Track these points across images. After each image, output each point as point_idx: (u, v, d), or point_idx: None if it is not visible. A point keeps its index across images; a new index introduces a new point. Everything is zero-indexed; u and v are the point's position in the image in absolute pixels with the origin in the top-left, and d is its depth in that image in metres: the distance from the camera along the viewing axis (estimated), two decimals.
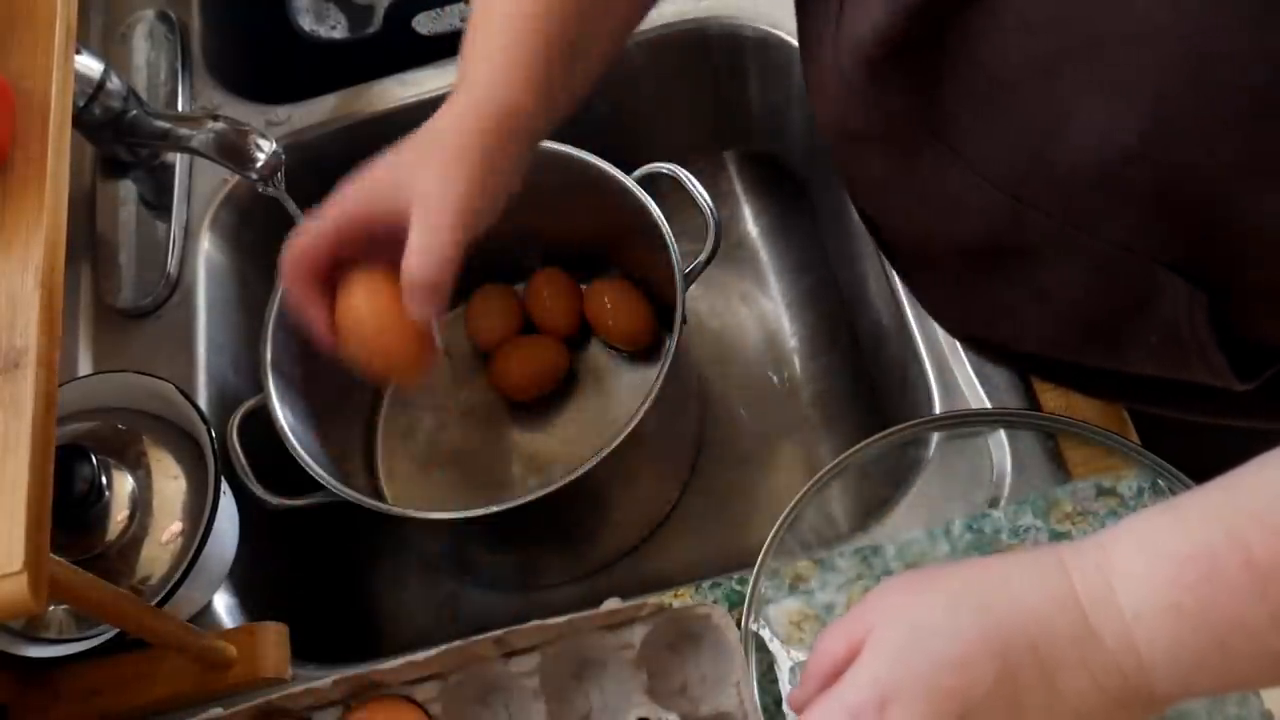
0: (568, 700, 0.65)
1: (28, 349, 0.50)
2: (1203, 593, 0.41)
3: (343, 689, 0.64)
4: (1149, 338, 0.49)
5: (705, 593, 0.67)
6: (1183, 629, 0.42)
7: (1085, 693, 0.44)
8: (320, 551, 0.88)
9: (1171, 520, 0.44)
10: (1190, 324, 0.46)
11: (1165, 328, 0.48)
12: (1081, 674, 0.44)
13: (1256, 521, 0.41)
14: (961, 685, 0.44)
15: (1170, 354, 0.49)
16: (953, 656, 0.45)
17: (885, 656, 0.46)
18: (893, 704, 0.45)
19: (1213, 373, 0.48)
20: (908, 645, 0.46)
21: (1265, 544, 0.40)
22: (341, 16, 1.01)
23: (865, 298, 0.86)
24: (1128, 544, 0.45)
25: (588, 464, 0.69)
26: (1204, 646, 0.42)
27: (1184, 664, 0.42)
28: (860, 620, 0.48)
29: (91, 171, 0.86)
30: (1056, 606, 0.45)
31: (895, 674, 0.45)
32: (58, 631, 0.68)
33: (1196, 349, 0.47)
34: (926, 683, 0.45)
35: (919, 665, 0.45)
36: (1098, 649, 0.43)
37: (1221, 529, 0.42)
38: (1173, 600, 0.42)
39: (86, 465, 0.66)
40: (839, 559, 0.66)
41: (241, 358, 0.85)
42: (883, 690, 0.45)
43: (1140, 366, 0.53)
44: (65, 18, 0.56)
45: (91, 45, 0.93)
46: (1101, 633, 0.44)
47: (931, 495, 0.68)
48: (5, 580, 0.46)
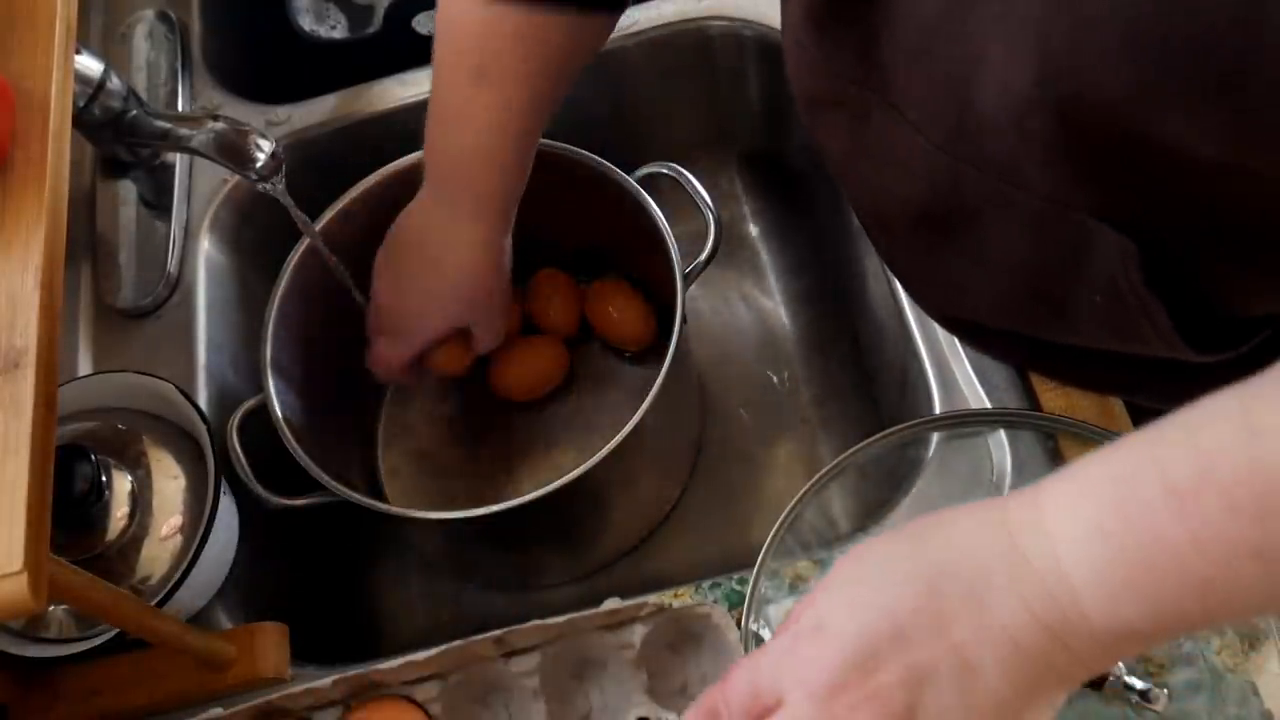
0: (568, 700, 0.65)
1: (28, 349, 0.50)
2: (1123, 512, 0.41)
3: (343, 689, 0.64)
4: (1092, 297, 0.49)
5: (705, 593, 0.67)
6: (1108, 550, 0.42)
7: (1015, 612, 0.44)
8: (320, 551, 0.88)
9: (1103, 453, 0.44)
10: (1126, 278, 0.46)
11: (1106, 286, 0.48)
12: (1010, 595, 0.44)
13: (1177, 445, 0.41)
14: (888, 602, 0.45)
15: (1118, 318, 0.49)
16: (882, 580, 0.46)
17: (827, 591, 0.48)
18: (827, 623, 0.46)
19: (1164, 340, 0.48)
20: (846, 578, 0.48)
21: (1183, 465, 0.40)
22: (341, 16, 1.01)
23: (865, 298, 0.86)
24: (1059, 477, 0.45)
25: (588, 464, 0.69)
26: (1130, 569, 0.42)
27: (1112, 586, 0.42)
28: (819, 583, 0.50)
29: (91, 171, 0.86)
30: (989, 533, 0.45)
31: (830, 600, 0.47)
32: (58, 631, 0.68)
33: (1141, 311, 0.47)
34: (855, 602, 0.46)
35: (851, 590, 0.47)
36: (1026, 570, 0.44)
37: (1145, 454, 0.42)
38: (1094, 520, 0.42)
39: (86, 465, 0.66)
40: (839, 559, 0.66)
41: (241, 358, 0.85)
42: (819, 614, 0.47)
43: (1094, 336, 0.53)
44: (65, 18, 0.56)
45: (91, 45, 0.93)
46: (1030, 555, 0.44)
47: (931, 495, 0.68)
48: (5, 580, 0.46)
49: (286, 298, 0.79)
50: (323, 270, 0.79)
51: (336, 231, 0.80)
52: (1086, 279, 0.49)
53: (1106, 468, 0.43)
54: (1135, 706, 0.58)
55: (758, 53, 0.91)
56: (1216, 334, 0.48)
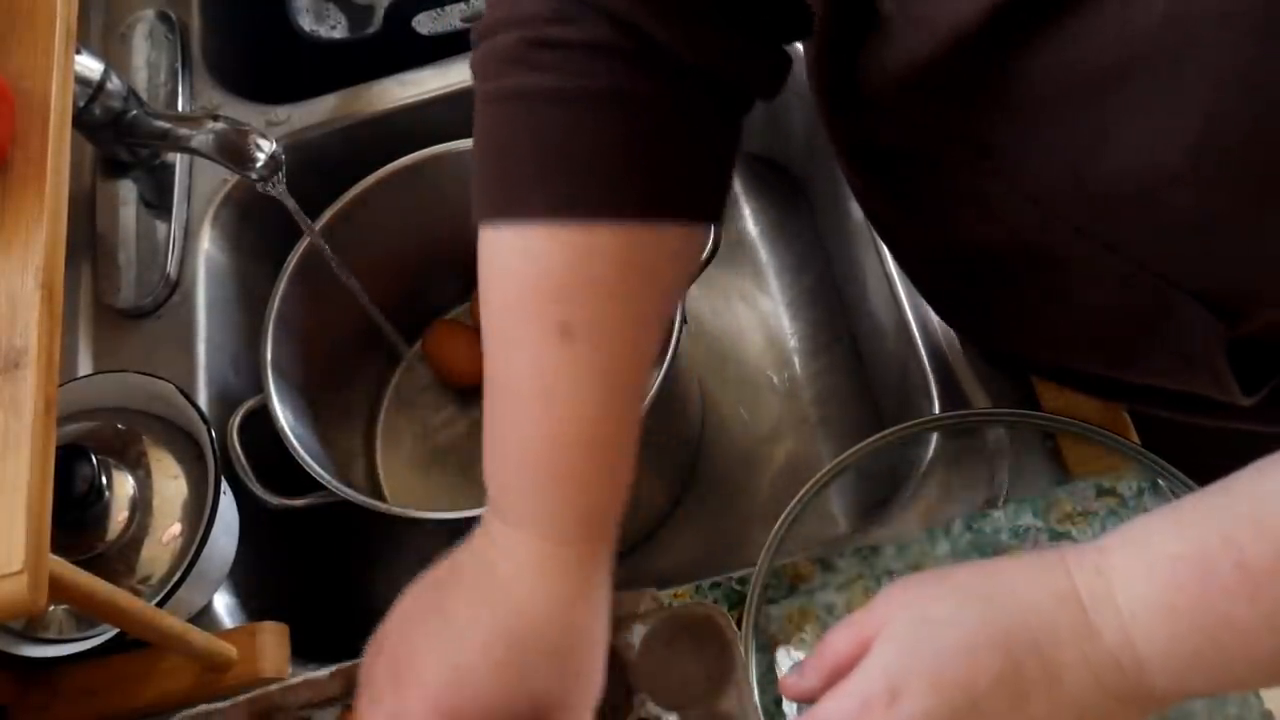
0: None
1: (28, 349, 0.50)
2: (1196, 593, 0.42)
3: (341, 681, 0.64)
4: (1160, 355, 0.49)
5: (705, 593, 0.67)
6: (1178, 627, 0.43)
7: (1086, 687, 0.44)
8: (320, 551, 0.87)
9: (1169, 523, 0.45)
10: (1204, 350, 0.47)
11: (1177, 348, 0.48)
12: (1082, 669, 0.44)
13: (1250, 525, 0.42)
14: (967, 676, 0.45)
15: (1180, 371, 0.49)
16: (959, 647, 0.46)
17: (894, 649, 0.47)
18: (902, 694, 0.45)
19: (1221, 391, 0.48)
20: (916, 637, 0.47)
21: (1257, 547, 0.41)
22: (341, 16, 1.01)
23: (865, 297, 0.86)
24: (1126, 545, 0.45)
25: None
26: (1198, 645, 0.42)
27: (1179, 662, 0.43)
28: (869, 618, 0.49)
29: (91, 171, 0.86)
30: (1059, 603, 0.45)
31: (904, 665, 0.46)
32: (58, 631, 0.68)
33: (1208, 372, 0.48)
34: (934, 673, 0.46)
35: (927, 656, 0.46)
36: (1097, 645, 0.44)
37: (1216, 531, 0.42)
38: (1168, 600, 0.43)
39: (86, 465, 0.66)
40: (839, 559, 0.66)
41: (241, 358, 0.85)
42: (892, 681, 0.46)
43: (1147, 379, 0.54)
44: (65, 18, 0.56)
45: (91, 45, 0.93)
46: (1101, 630, 0.44)
47: (931, 495, 0.68)
48: (5, 580, 0.46)
49: (286, 298, 0.79)
50: (323, 270, 0.79)
51: (336, 231, 0.80)
52: (1160, 339, 0.49)
53: (1177, 542, 0.44)
54: None
55: None
56: (1259, 373, 0.49)
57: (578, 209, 0.46)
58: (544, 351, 0.47)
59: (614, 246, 0.46)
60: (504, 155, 0.47)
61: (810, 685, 0.50)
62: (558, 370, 0.48)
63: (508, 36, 0.46)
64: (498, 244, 0.48)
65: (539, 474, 0.50)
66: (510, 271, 0.48)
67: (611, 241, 0.46)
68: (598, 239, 0.46)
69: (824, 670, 0.50)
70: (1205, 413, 0.56)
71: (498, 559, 0.51)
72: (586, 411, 0.49)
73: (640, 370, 0.50)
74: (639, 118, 0.46)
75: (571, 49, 0.45)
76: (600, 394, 0.49)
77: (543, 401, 0.48)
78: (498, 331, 0.49)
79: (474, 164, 0.48)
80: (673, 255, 0.49)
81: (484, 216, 0.48)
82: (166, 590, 0.66)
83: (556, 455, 0.49)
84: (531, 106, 0.46)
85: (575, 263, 0.46)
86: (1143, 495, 0.65)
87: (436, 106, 0.89)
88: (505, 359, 0.49)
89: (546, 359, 0.48)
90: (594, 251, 0.46)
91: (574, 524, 0.51)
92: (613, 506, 0.52)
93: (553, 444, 0.49)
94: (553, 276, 0.47)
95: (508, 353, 0.49)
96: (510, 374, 0.49)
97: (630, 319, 0.49)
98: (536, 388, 0.48)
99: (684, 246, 0.50)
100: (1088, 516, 0.65)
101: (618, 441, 0.51)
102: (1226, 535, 0.42)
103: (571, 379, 0.48)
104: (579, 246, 0.46)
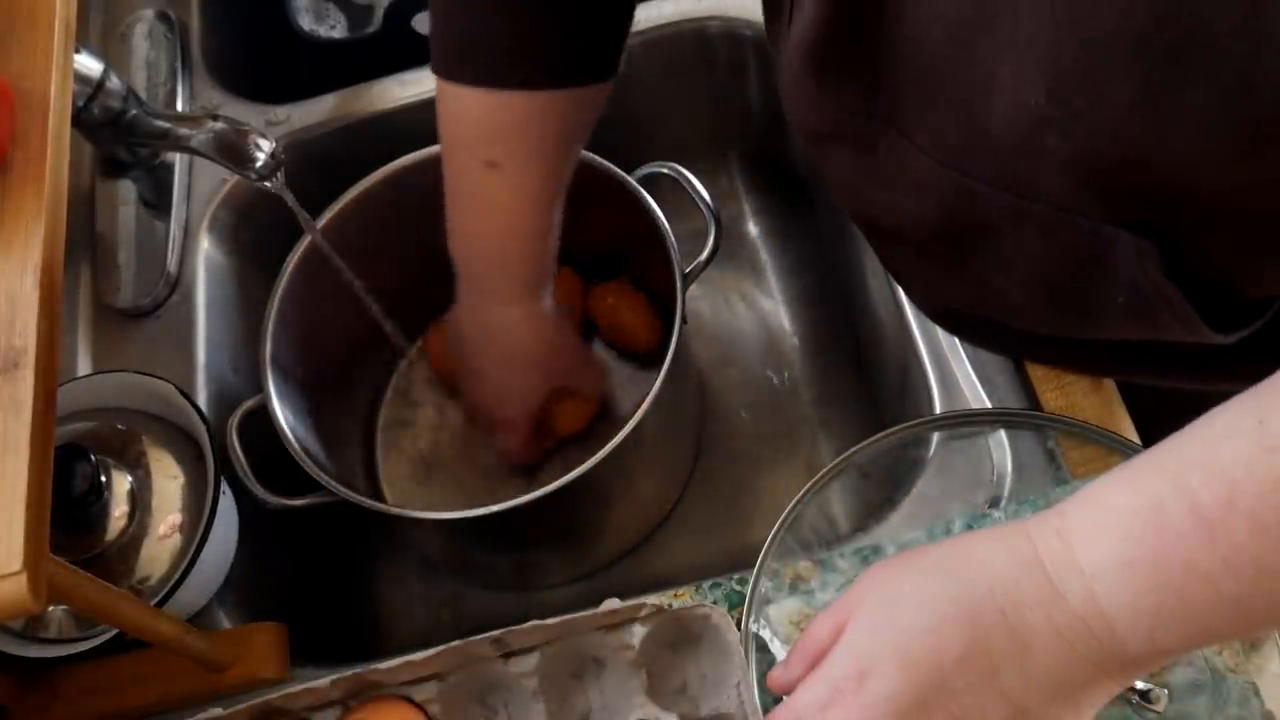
0: (567, 700, 0.65)
1: (27, 349, 0.50)
2: (1154, 543, 0.42)
3: (341, 689, 0.64)
4: (1116, 298, 0.50)
5: (705, 593, 0.67)
6: (1139, 581, 0.42)
7: (1057, 652, 0.44)
8: (320, 551, 0.88)
9: (1123, 478, 0.45)
10: (1148, 278, 0.47)
11: (1128, 285, 0.48)
12: (1051, 635, 0.44)
13: (1200, 468, 0.42)
14: (933, 652, 0.45)
15: (1141, 312, 0.49)
16: (922, 624, 0.46)
17: (860, 630, 0.48)
18: (870, 675, 0.46)
19: (1187, 326, 0.48)
20: (881, 618, 0.48)
21: (1209, 490, 0.41)
22: (341, 16, 1.01)
23: (865, 297, 0.86)
24: (1083, 506, 0.45)
25: (588, 464, 0.69)
26: (1163, 597, 0.42)
27: (1146, 616, 0.43)
28: (843, 605, 0.50)
29: (91, 171, 0.86)
30: (1023, 570, 0.45)
31: (870, 646, 0.47)
32: (58, 631, 0.68)
33: (1164, 303, 0.48)
34: (899, 652, 0.46)
35: (890, 635, 0.47)
36: (1064, 609, 0.44)
37: (1168, 479, 0.42)
38: (1126, 554, 0.43)
39: (86, 465, 0.66)
40: (839, 559, 0.66)
41: (241, 357, 0.85)
42: (859, 662, 0.47)
43: (1118, 331, 0.54)
44: (65, 17, 0.56)
45: (91, 45, 0.93)
46: (1065, 593, 0.44)
47: (931, 495, 0.68)
48: (5, 580, 0.46)
49: (286, 298, 0.79)
50: (323, 270, 0.79)
51: (336, 230, 0.80)
52: (1108, 280, 0.49)
53: (1131, 495, 0.44)
54: (1136, 707, 0.58)
55: (757, 53, 0.91)
56: (1232, 314, 0.49)
57: (494, 79, 0.63)
58: (480, 177, 0.68)
59: (520, 106, 0.64)
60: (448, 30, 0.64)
61: (794, 676, 0.51)
62: (491, 188, 0.68)
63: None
64: (443, 93, 0.66)
65: (498, 258, 0.73)
66: (451, 117, 0.67)
67: (518, 102, 0.64)
68: (508, 100, 0.64)
69: (806, 659, 0.50)
70: (1195, 373, 0.56)
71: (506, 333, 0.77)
72: (514, 214, 0.70)
73: (550, 187, 0.70)
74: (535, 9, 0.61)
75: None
76: (522, 203, 0.70)
77: (487, 209, 0.70)
78: (448, 160, 0.69)
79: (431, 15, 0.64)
80: (573, 107, 0.67)
81: (435, 70, 0.65)
82: (166, 591, 0.66)
83: (505, 244, 0.72)
84: None
85: (493, 117, 0.65)
86: None
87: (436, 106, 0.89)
88: (455, 180, 0.70)
89: (483, 182, 0.68)
90: (505, 109, 0.65)
91: (523, 285, 0.75)
92: (546, 273, 0.75)
93: (500, 237, 0.72)
94: (479, 125, 0.66)
95: (456, 176, 0.70)
96: (460, 191, 0.70)
97: (536, 154, 0.67)
98: (479, 201, 0.70)
99: (583, 100, 0.67)
100: None
101: (542, 230, 0.72)
102: (1178, 481, 0.42)
103: (503, 194, 0.69)
104: (495, 106, 0.64)
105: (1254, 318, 0.49)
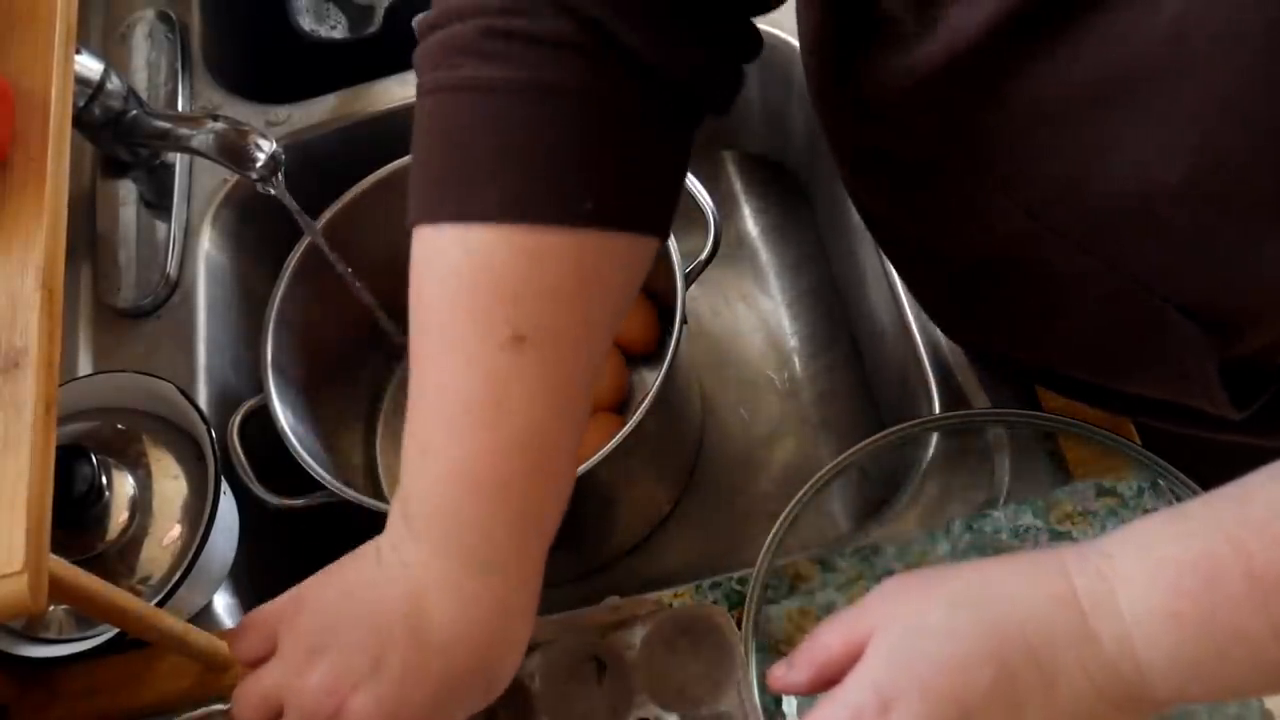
0: (567, 700, 0.65)
1: (28, 349, 0.50)
2: (1203, 601, 0.41)
3: None
4: (1155, 370, 0.49)
5: (705, 593, 0.67)
6: (1182, 636, 0.42)
7: (1082, 693, 0.44)
8: (320, 551, 0.87)
9: (1176, 527, 0.44)
10: (1197, 366, 0.46)
11: (1171, 363, 0.48)
12: (1080, 676, 0.44)
13: (1260, 531, 0.41)
14: (959, 687, 0.44)
15: (1172, 384, 0.49)
16: (950, 658, 0.45)
17: (884, 659, 0.46)
18: (893, 707, 0.45)
19: (1213, 405, 0.48)
20: (906, 648, 0.46)
21: (1267, 554, 0.40)
22: (341, 16, 1.01)
23: (865, 297, 0.86)
24: (1131, 549, 0.45)
25: (588, 464, 0.69)
26: (1203, 654, 0.42)
27: (1182, 670, 0.42)
28: (860, 620, 0.48)
29: (91, 171, 0.86)
30: (1056, 607, 0.45)
31: (894, 677, 0.46)
32: (58, 631, 0.68)
33: (1200, 386, 0.47)
34: (924, 685, 0.45)
35: (917, 667, 0.45)
36: (1097, 652, 0.44)
37: (1224, 537, 0.42)
38: (1173, 607, 0.42)
39: (86, 465, 0.66)
40: (839, 559, 0.66)
41: (242, 358, 0.85)
42: (883, 693, 0.45)
43: (1143, 390, 0.53)
44: (65, 17, 0.56)
45: (91, 45, 0.93)
46: (1101, 636, 0.44)
47: (931, 495, 0.68)
48: (5, 580, 0.46)
49: (287, 297, 0.79)
50: (323, 270, 0.79)
51: (337, 231, 0.80)
52: (1153, 353, 0.48)
53: (1183, 548, 0.43)
54: None
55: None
56: (1251, 387, 0.49)
57: (531, 211, 0.44)
58: (494, 359, 0.45)
59: (568, 252, 0.45)
60: (454, 149, 0.45)
61: (798, 680, 0.50)
62: (509, 380, 0.45)
63: (463, 26, 0.44)
64: (439, 242, 0.46)
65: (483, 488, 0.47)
66: (455, 272, 0.45)
67: (565, 247, 0.45)
68: (551, 243, 0.44)
69: (813, 666, 0.49)
70: (1201, 425, 0.56)
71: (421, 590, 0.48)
72: (538, 422, 0.47)
73: (590, 381, 0.48)
74: (597, 117, 0.44)
75: (531, 42, 0.43)
76: (556, 403, 0.47)
77: (493, 411, 0.46)
78: (438, 335, 0.47)
79: (414, 159, 0.47)
80: (624, 265, 0.48)
81: (425, 214, 0.46)
82: (166, 590, 0.66)
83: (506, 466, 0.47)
84: (486, 98, 0.44)
85: (528, 267, 0.44)
86: (1143, 495, 0.65)
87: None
88: (449, 365, 0.46)
89: (497, 367, 0.45)
90: (547, 256, 0.44)
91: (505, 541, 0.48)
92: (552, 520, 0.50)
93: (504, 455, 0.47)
94: (505, 281, 0.44)
95: (451, 358, 0.46)
96: (454, 381, 0.46)
97: (583, 328, 0.47)
98: (485, 397, 0.46)
99: (634, 257, 0.48)
100: (1088, 517, 0.65)
101: (567, 449, 0.49)
102: (1235, 541, 0.41)
103: (524, 389, 0.46)
104: (531, 250, 0.44)
105: (1267, 387, 0.49)
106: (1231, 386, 0.48)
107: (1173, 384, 0.49)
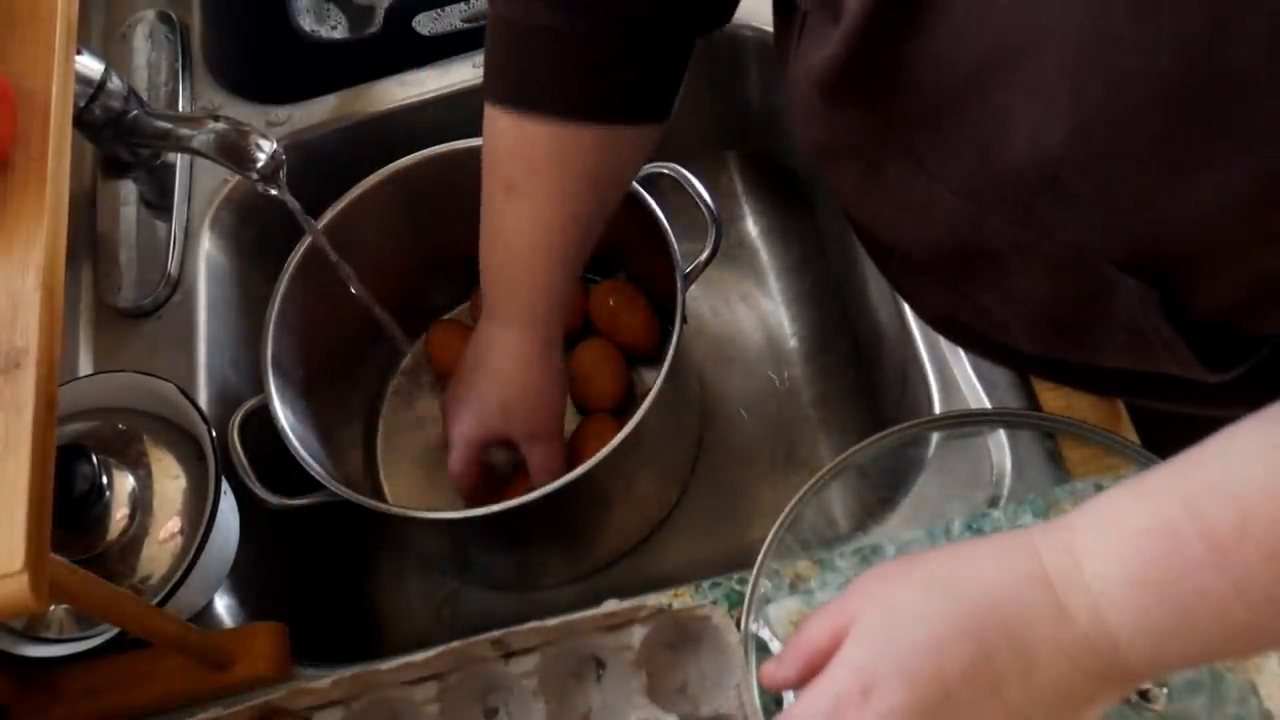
0: (567, 701, 0.65)
1: (28, 349, 0.50)
2: (1164, 566, 0.42)
3: (341, 689, 0.64)
4: (1116, 335, 0.50)
5: (705, 593, 0.67)
6: (1148, 602, 0.43)
7: (1061, 669, 0.44)
8: (320, 551, 0.88)
9: (1134, 496, 0.45)
10: (1149, 322, 0.47)
11: (1128, 325, 0.48)
12: (1056, 651, 0.44)
13: (1212, 491, 0.42)
14: (938, 668, 0.45)
15: (1139, 350, 0.49)
16: (927, 640, 0.46)
17: (863, 644, 0.48)
18: (874, 691, 0.46)
19: (1183, 366, 0.49)
20: (884, 632, 0.47)
21: (1221, 514, 0.41)
22: (342, 16, 1.01)
23: (865, 297, 0.86)
24: (1093, 521, 0.45)
25: (588, 464, 0.69)
26: (1170, 618, 0.42)
27: (1153, 636, 0.43)
28: (843, 610, 0.49)
29: (92, 171, 0.86)
30: (1028, 586, 0.45)
31: (873, 661, 0.47)
32: (58, 631, 0.68)
33: (1162, 345, 0.48)
34: (903, 667, 0.46)
35: (895, 651, 0.46)
36: (1070, 626, 0.44)
37: (1180, 501, 0.42)
38: (1136, 574, 0.43)
39: (87, 465, 0.66)
40: (839, 559, 0.66)
41: (242, 358, 0.85)
42: (863, 678, 0.46)
43: (1116, 362, 0.54)
44: (66, 17, 0.56)
45: (92, 45, 0.93)
46: (1072, 610, 0.44)
47: (931, 495, 0.68)
48: (6, 580, 0.46)
49: (287, 298, 0.79)
50: (323, 270, 0.79)
51: (337, 231, 0.80)
52: (1108, 318, 0.49)
53: (1143, 515, 0.44)
54: (1135, 705, 0.58)
55: (757, 53, 0.91)
56: (1229, 351, 0.49)
57: (522, 105, 0.64)
58: (499, 197, 0.68)
59: (543, 132, 0.64)
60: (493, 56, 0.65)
61: (787, 675, 0.51)
62: (505, 210, 0.68)
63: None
64: (486, 117, 0.66)
65: (503, 279, 0.73)
66: (488, 138, 0.67)
67: (541, 129, 0.64)
68: (532, 125, 0.64)
69: (800, 660, 0.50)
70: (1192, 399, 0.56)
71: (491, 351, 0.75)
72: (522, 240, 0.69)
73: (566, 221, 0.68)
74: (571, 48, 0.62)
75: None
76: (534, 230, 0.68)
77: (499, 230, 0.70)
78: (483, 179, 0.69)
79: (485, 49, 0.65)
80: (596, 146, 0.65)
81: (484, 96, 0.66)
82: (167, 590, 0.66)
83: (511, 267, 0.72)
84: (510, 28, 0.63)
85: (518, 141, 0.65)
86: None
87: (436, 106, 0.89)
88: (483, 197, 0.69)
89: (500, 202, 0.68)
90: (529, 133, 0.64)
91: (520, 312, 0.73)
92: (554, 307, 0.73)
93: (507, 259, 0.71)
94: (503, 148, 0.67)
95: (484, 194, 0.69)
96: (484, 208, 0.70)
97: (556, 185, 0.66)
98: (494, 220, 0.70)
99: (610, 140, 0.65)
100: None
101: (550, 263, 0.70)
102: (1191, 504, 0.42)
103: (516, 218, 0.68)
104: (521, 129, 0.64)
105: (1249, 354, 0.49)
106: (1208, 352, 0.48)
107: (1139, 349, 0.50)
